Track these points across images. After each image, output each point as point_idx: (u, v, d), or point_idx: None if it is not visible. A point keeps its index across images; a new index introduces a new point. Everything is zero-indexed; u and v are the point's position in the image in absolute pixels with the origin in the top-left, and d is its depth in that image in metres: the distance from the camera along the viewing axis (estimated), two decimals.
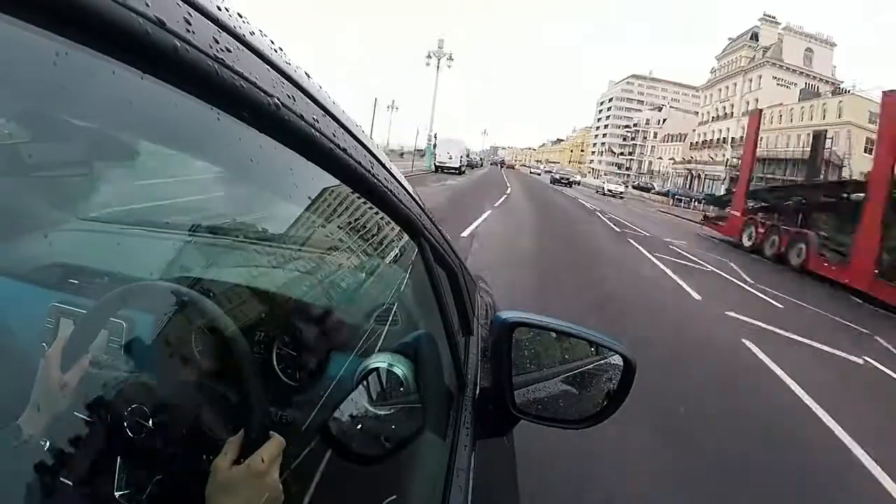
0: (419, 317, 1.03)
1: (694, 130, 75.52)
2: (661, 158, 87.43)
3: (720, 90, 69.76)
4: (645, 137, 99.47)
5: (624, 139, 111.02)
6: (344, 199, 0.77)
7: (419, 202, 0.90)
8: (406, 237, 0.92)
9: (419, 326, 0.98)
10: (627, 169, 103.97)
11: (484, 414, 1.01)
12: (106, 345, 0.61)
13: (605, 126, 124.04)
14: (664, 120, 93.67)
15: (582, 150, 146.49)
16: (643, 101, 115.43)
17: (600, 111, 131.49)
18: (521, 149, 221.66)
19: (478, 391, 1.07)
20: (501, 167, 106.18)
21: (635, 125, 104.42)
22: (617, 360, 0.94)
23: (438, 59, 35.95)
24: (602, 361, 0.97)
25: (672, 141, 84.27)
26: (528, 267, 7.47)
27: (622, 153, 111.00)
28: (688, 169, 68.86)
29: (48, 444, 0.51)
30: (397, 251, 1.02)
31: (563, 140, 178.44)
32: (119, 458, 0.55)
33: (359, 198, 0.69)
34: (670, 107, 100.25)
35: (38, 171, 0.55)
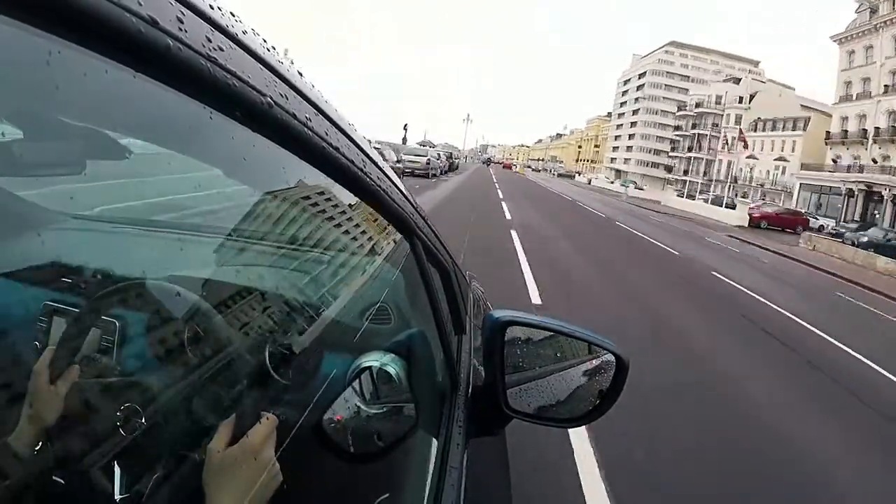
0: (412, 315, 1.03)
1: (828, 114, 43.55)
2: (755, 158, 54.03)
3: None
4: (715, 125, 63.92)
5: (676, 129, 76.21)
6: (336, 197, 0.77)
7: (412, 201, 0.90)
8: (399, 236, 0.92)
9: (412, 325, 0.99)
10: (685, 172, 69.68)
11: (476, 413, 1.02)
12: (98, 343, 0.61)
13: (635, 111, 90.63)
14: (751, 98, 60.14)
15: (597, 146, 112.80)
16: (689, 77, 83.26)
17: (624, 92, 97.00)
18: (512, 146, 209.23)
19: (470, 390, 1.08)
20: (489, 164, 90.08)
21: (697, 106, 69.58)
22: (609, 358, 0.95)
23: None
24: (594, 360, 0.98)
25: (774, 129, 52.35)
26: None
27: (673, 149, 77.77)
28: (865, 184, 35.95)
29: (42, 446, 0.51)
30: (390, 250, 1.02)
31: (563, 135, 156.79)
32: (115, 459, 0.55)
33: (351, 196, 0.69)
34: (752, 78, 65.26)
35: (30, 170, 0.55)
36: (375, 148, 0.73)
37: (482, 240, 9.91)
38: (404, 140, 31.03)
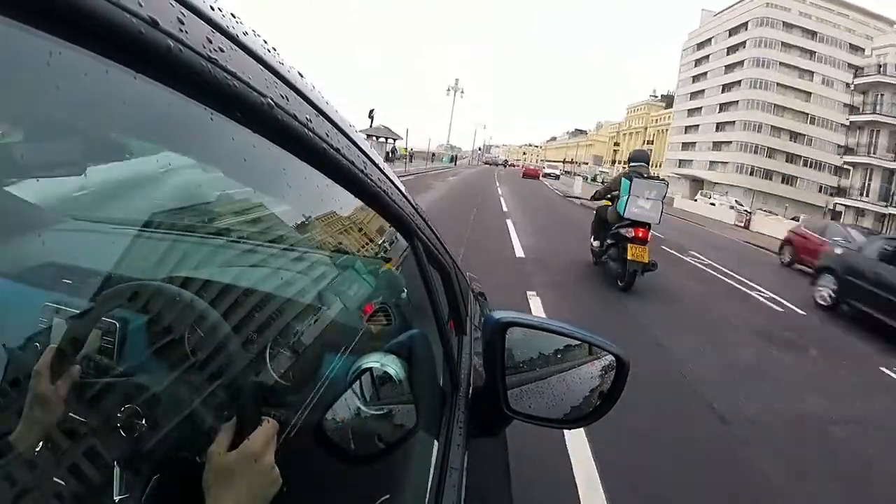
0: (412, 316, 1.03)
1: None
2: None
3: None
4: None
5: (852, 111, 42.67)
6: (337, 198, 0.77)
7: (412, 202, 0.90)
8: (399, 237, 0.92)
9: (412, 326, 0.99)
10: (889, 197, 35.70)
11: (477, 414, 1.02)
12: (99, 345, 0.61)
13: (727, 87, 57.52)
14: None
15: (648, 141, 79.66)
16: (817, 34, 51.29)
17: (700, 61, 64.55)
18: (518, 146, 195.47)
19: (471, 391, 1.08)
20: (504, 166, 76.00)
21: None
22: (610, 359, 0.95)
23: None
24: (595, 361, 0.98)
25: None
26: None
27: (846, 150, 40.70)
28: None
29: (43, 447, 0.51)
30: (390, 251, 1.02)
31: (584, 131, 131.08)
32: (115, 460, 0.55)
33: (352, 197, 0.69)
34: None
35: (31, 171, 0.55)
36: None
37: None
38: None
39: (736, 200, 39.32)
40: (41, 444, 0.51)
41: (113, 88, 0.35)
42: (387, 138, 31.07)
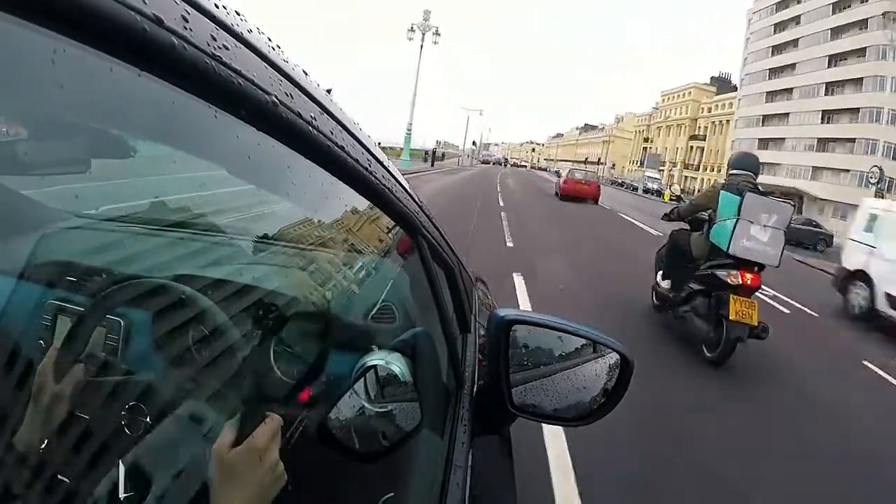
0: (417, 314, 1.03)
1: None
2: None
3: None
4: None
5: None
6: (342, 196, 0.77)
7: (417, 200, 0.90)
8: (404, 235, 0.92)
9: (417, 324, 0.98)
10: None
11: (481, 411, 1.01)
12: (103, 342, 0.61)
13: (836, 58, 39.63)
14: None
15: (695, 136, 65.08)
16: None
17: (783, 24, 46.54)
18: (519, 144, 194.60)
19: (475, 389, 1.08)
20: (505, 165, 71.75)
21: None
22: (614, 357, 0.95)
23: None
24: (599, 358, 0.98)
25: None
26: None
27: None
28: None
29: (47, 445, 0.51)
30: (395, 249, 1.02)
31: (594, 126, 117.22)
32: (120, 458, 0.55)
33: (356, 195, 0.69)
34: None
35: (35, 169, 0.55)
36: None
37: None
38: None
39: None
40: (46, 441, 0.51)
41: (117, 86, 0.34)
42: None
